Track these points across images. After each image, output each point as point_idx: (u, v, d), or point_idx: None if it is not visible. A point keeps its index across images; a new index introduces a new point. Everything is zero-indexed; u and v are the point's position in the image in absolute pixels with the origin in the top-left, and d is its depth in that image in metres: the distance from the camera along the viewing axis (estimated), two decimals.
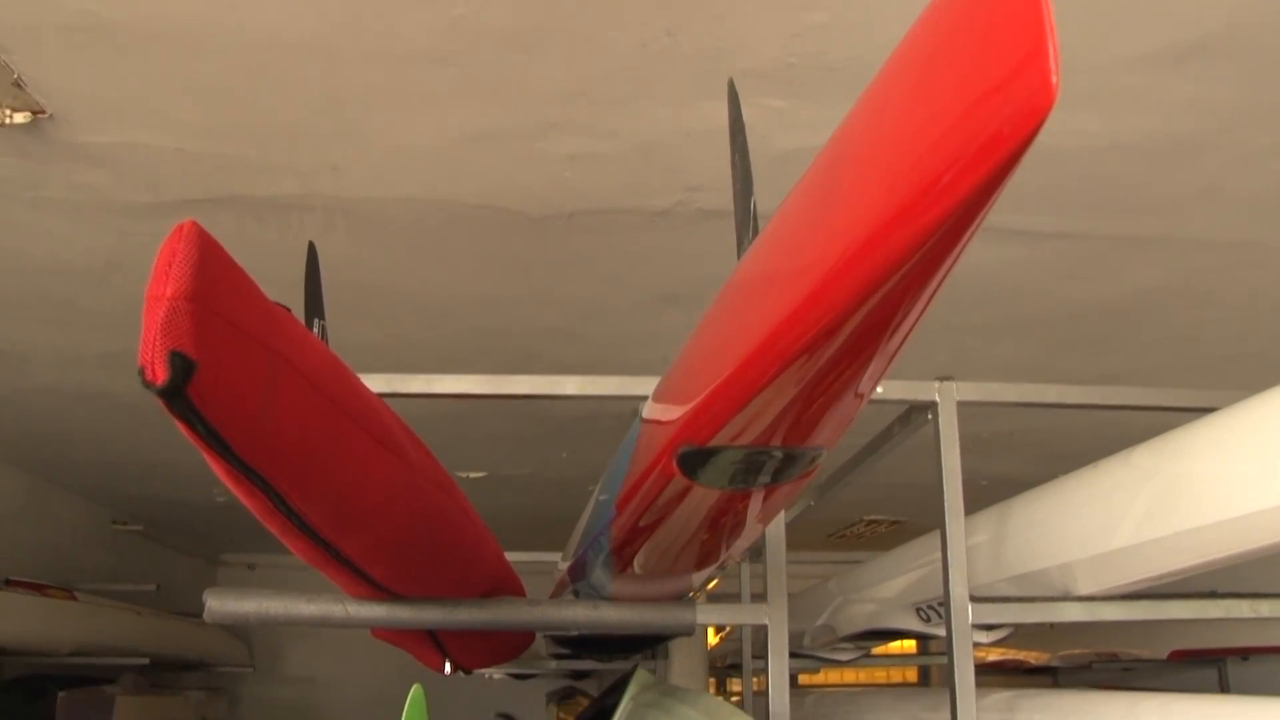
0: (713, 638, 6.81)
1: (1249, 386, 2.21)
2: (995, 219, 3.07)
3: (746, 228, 1.44)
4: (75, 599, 6.69)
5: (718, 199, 2.88)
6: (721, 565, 2.01)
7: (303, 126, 2.61)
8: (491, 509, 2.17)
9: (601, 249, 3.31)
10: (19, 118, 2.48)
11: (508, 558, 2.33)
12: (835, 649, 4.43)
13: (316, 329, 2.47)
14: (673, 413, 1.15)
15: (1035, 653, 7.16)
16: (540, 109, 2.54)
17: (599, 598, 2.17)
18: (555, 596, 2.72)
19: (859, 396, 1.02)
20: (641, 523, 1.41)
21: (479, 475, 5.94)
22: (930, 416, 2.65)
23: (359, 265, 3.41)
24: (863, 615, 3.73)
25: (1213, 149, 2.75)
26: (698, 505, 1.28)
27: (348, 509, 1.32)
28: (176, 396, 0.88)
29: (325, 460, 1.18)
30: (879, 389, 2.59)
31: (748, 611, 2.43)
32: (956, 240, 0.74)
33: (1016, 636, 6.93)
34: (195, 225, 0.93)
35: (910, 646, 9.39)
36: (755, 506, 1.32)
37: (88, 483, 7.09)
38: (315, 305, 2.53)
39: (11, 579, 6.29)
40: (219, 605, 2.23)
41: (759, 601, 2.44)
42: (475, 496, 1.95)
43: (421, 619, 2.15)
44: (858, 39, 2.25)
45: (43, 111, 2.47)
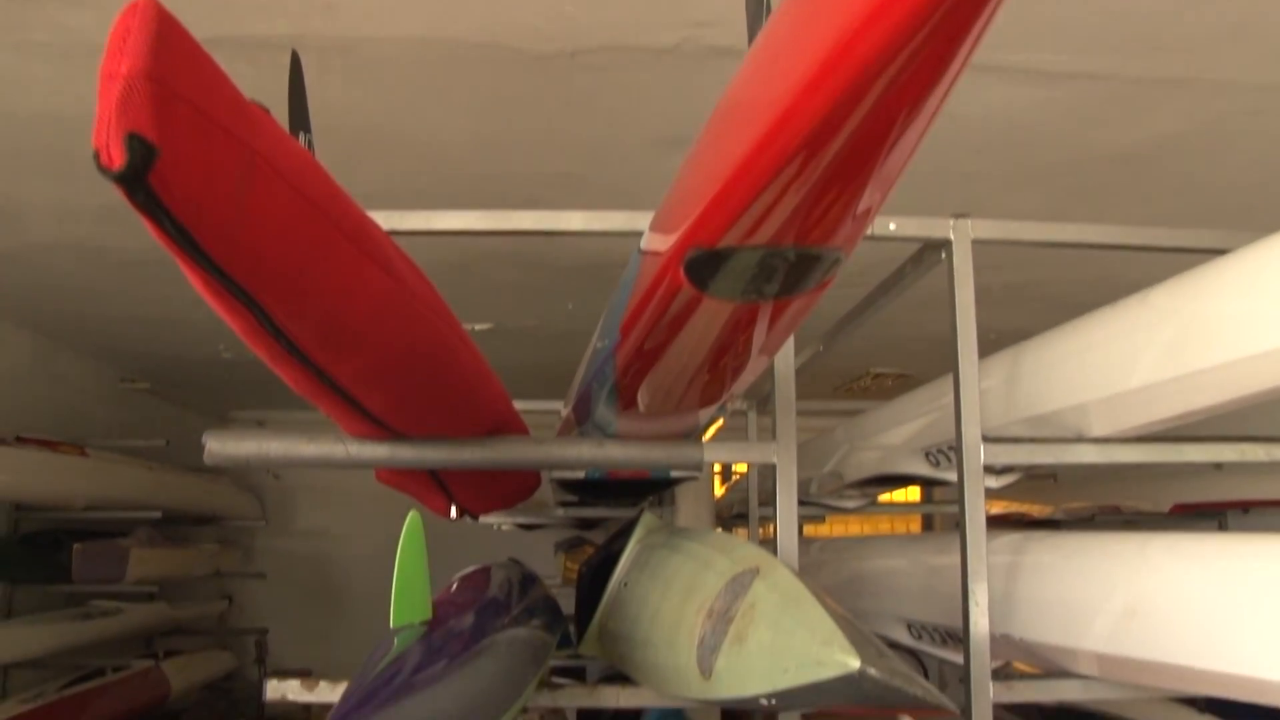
0: (719, 489, 6.86)
1: (1271, 232, 2.14)
2: (1012, 57, 2.94)
3: (758, 19, 1.35)
4: (86, 455, 6.74)
5: (726, 35, 2.77)
6: (726, 402, 1.96)
7: None
8: (497, 363, 2.11)
9: (605, 88, 3.19)
10: None
11: (515, 408, 2.29)
12: (841, 497, 4.44)
13: (302, 141, 2.37)
14: (677, 222, 1.08)
15: (1038, 506, 7.20)
16: None
17: (605, 436, 2.13)
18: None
19: (873, 194, 0.94)
20: (647, 345, 1.35)
21: (485, 328, 5.91)
22: (944, 255, 2.58)
23: (356, 109, 3.31)
24: (870, 461, 3.73)
25: None
26: (706, 323, 1.21)
27: (336, 328, 1.25)
28: (136, 185, 0.81)
29: (309, 271, 1.11)
30: (892, 225, 2.53)
31: (756, 450, 2.40)
32: (959, 31, 0.70)
33: (1020, 489, 6.97)
34: (154, 2, 0.84)
35: (915, 496, 9.50)
36: (765, 327, 1.25)
37: (94, 341, 7.08)
38: (300, 118, 2.42)
39: (22, 435, 6.32)
40: (219, 447, 2.20)
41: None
42: (482, 350, 1.90)
43: (424, 458, 2.11)
44: None
45: None
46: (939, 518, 8.01)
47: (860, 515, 8.33)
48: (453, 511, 2.84)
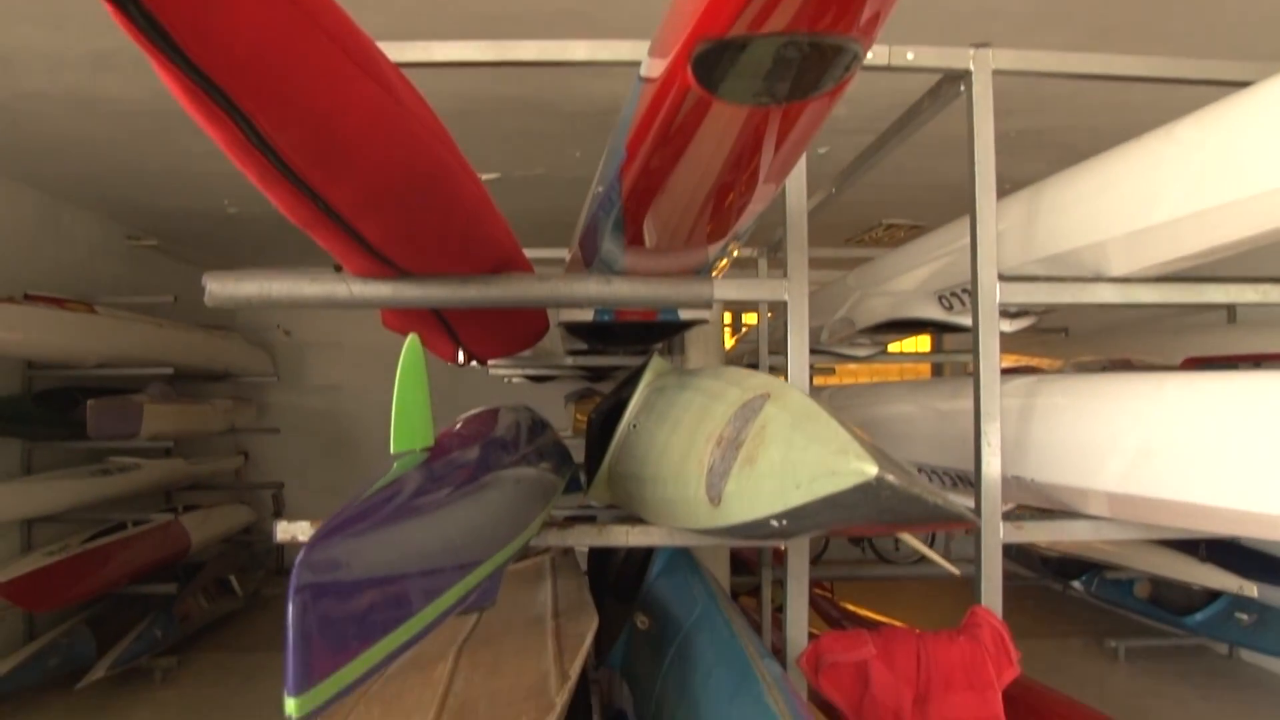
0: (729, 342, 6.84)
1: None
2: None
3: None
4: (95, 312, 6.73)
5: None
6: (734, 238, 1.91)
7: None
8: (505, 214, 2.05)
9: None
10: None
11: (520, 247, 2.24)
12: (853, 344, 4.41)
13: None
14: (683, 22, 1.01)
15: (1048, 360, 7.18)
16: None
17: (612, 274, 2.08)
18: None
19: None
20: (653, 163, 1.28)
21: (492, 177, 5.81)
22: (963, 88, 2.48)
23: None
24: (882, 307, 3.68)
25: None
26: (716, 135, 1.15)
27: (327, 142, 1.19)
28: None
29: (293, 75, 1.04)
30: (910, 55, 2.43)
31: (767, 286, 2.34)
32: None
33: (1030, 343, 6.95)
34: None
35: (925, 346, 9.51)
36: (775, 140, 1.19)
37: (98, 197, 7.00)
38: None
39: (30, 293, 6.30)
40: (219, 289, 2.17)
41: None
42: None
43: (428, 296, 2.07)
44: None
45: None
46: (949, 367, 8.01)
47: (869, 366, 8.32)
48: (460, 356, 2.81)
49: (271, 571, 9.91)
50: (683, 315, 3.01)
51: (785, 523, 1.20)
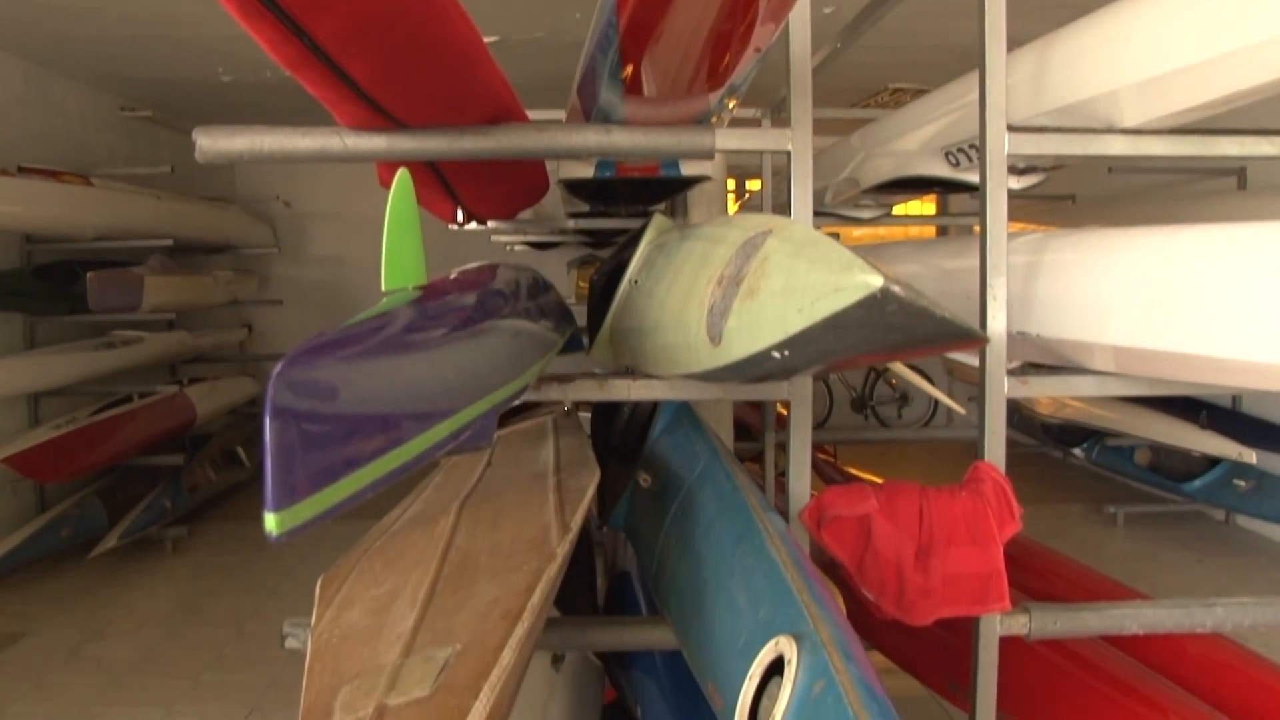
0: (732, 207, 6.77)
1: None
2: None
3: None
4: (91, 185, 6.65)
5: None
6: (735, 85, 1.85)
7: None
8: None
9: None
10: None
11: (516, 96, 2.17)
12: (857, 206, 4.35)
13: None
14: None
15: (1054, 226, 7.12)
16: None
17: (612, 123, 2.03)
18: None
19: None
20: None
21: (492, 40, 5.69)
22: None
23: None
24: (888, 166, 3.61)
25: None
26: None
27: None
28: None
29: None
30: None
31: (770, 136, 2.28)
32: None
33: (1037, 211, 6.87)
34: None
35: (930, 209, 9.43)
36: None
37: (88, 66, 6.86)
38: None
39: (24, 166, 6.22)
40: (210, 144, 2.12)
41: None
42: None
43: (423, 148, 2.03)
44: None
45: None
46: (954, 231, 7.95)
47: (874, 231, 8.25)
48: (459, 215, 2.77)
49: None
50: (684, 170, 2.95)
51: (787, 353, 1.17)
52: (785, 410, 2.44)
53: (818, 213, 3.46)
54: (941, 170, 3.15)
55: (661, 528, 2.17)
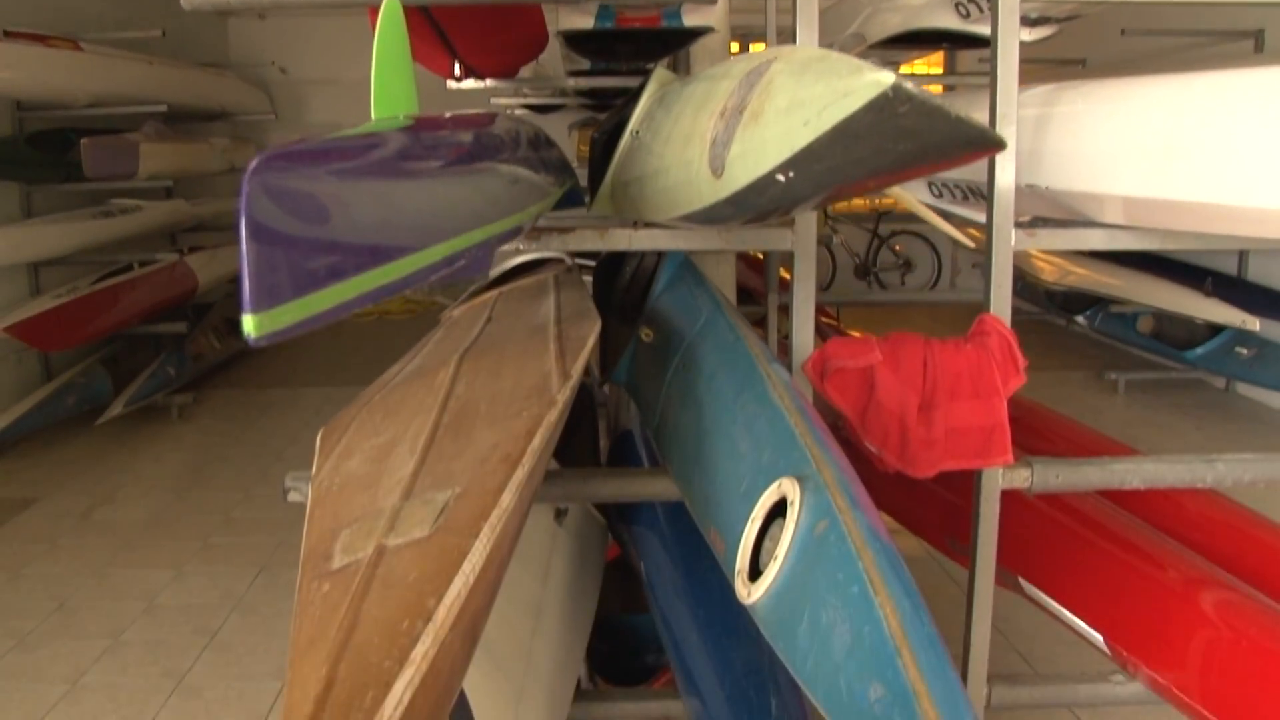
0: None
1: None
2: None
3: None
4: (81, 49, 6.53)
5: None
6: None
7: None
8: None
9: None
10: None
11: None
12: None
13: None
14: None
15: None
16: None
17: None
18: None
19: None
20: None
21: None
22: None
23: None
24: (896, 20, 3.51)
25: None
26: None
27: None
28: None
29: None
30: None
31: None
32: None
33: (1047, 76, 6.74)
34: None
35: (938, 69, 9.26)
36: None
37: None
38: None
39: (10, 30, 6.08)
40: None
41: None
42: None
43: None
44: None
45: None
46: (961, 90, 7.81)
47: None
48: (456, 69, 2.70)
49: None
50: (686, 20, 2.86)
51: (793, 175, 1.13)
52: (788, 274, 2.41)
53: None
54: (951, 22, 3.06)
55: (664, 381, 2.16)
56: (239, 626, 4.01)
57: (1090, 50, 7.25)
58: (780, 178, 1.14)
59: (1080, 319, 7.63)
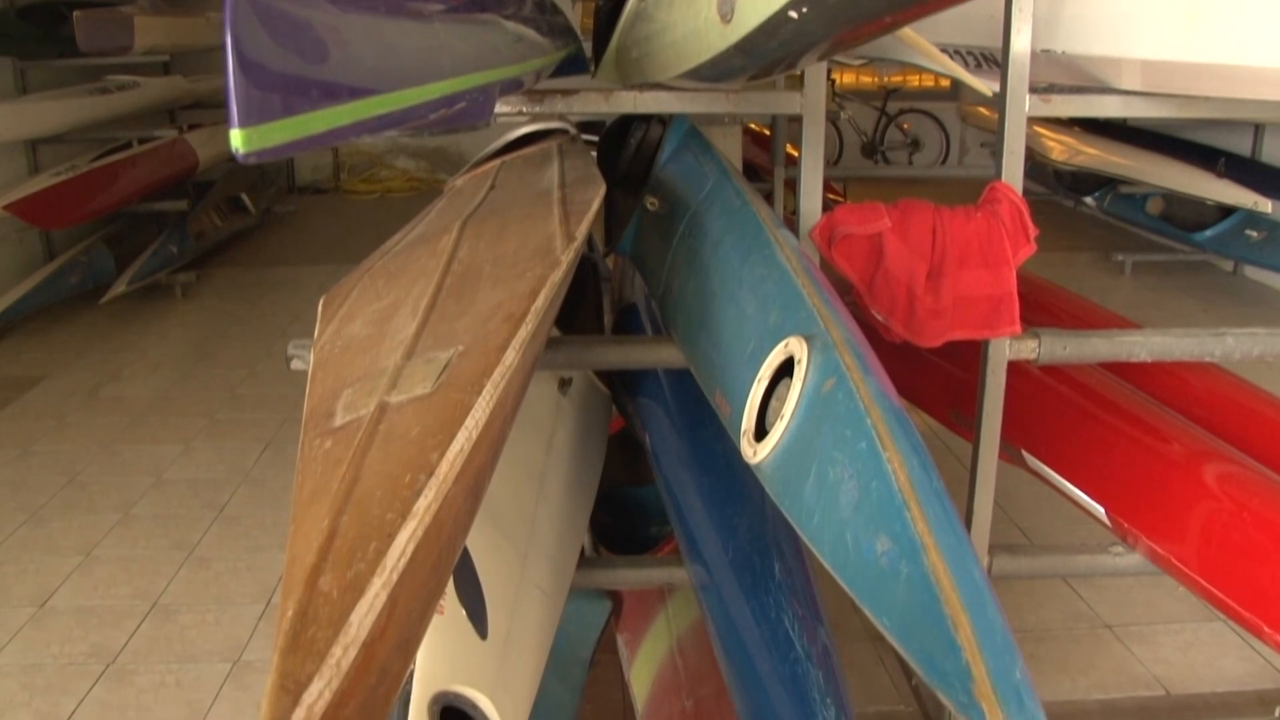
0: None
1: None
2: None
3: None
4: None
5: None
6: None
7: None
8: None
9: None
10: None
11: None
12: None
13: None
14: None
15: None
16: None
17: None
18: None
19: None
20: None
21: None
22: None
23: None
24: None
25: None
26: None
27: None
28: None
29: None
30: None
31: None
32: None
33: None
34: None
35: None
36: None
37: None
38: None
39: None
40: None
41: None
42: None
43: None
44: None
45: None
46: None
47: None
48: None
49: (283, 190, 9.93)
50: None
51: (805, 10, 1.08)
52: (795, 150, 2.36)
53: None
54: None
55: (669, 248, 2.13)
56: (247, 499, 4.05)
57: None
58: (792, 13, 1.10)
59: (1089, 200, 7.55)
